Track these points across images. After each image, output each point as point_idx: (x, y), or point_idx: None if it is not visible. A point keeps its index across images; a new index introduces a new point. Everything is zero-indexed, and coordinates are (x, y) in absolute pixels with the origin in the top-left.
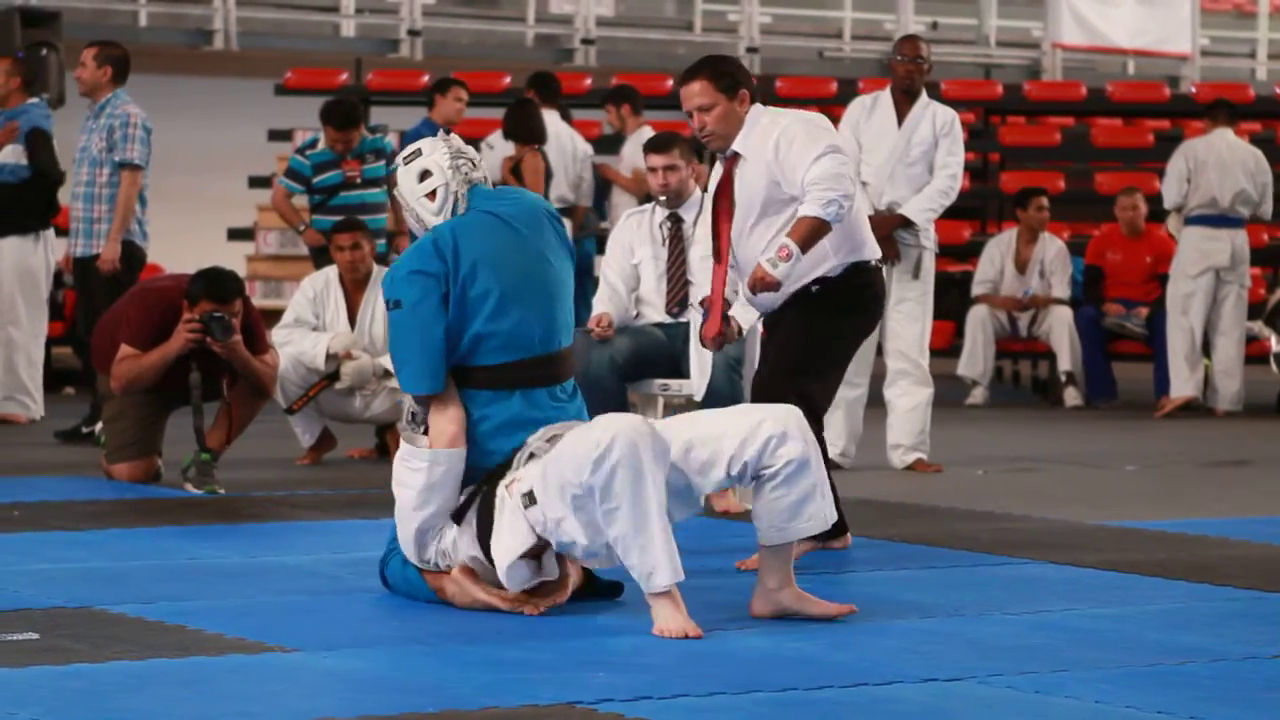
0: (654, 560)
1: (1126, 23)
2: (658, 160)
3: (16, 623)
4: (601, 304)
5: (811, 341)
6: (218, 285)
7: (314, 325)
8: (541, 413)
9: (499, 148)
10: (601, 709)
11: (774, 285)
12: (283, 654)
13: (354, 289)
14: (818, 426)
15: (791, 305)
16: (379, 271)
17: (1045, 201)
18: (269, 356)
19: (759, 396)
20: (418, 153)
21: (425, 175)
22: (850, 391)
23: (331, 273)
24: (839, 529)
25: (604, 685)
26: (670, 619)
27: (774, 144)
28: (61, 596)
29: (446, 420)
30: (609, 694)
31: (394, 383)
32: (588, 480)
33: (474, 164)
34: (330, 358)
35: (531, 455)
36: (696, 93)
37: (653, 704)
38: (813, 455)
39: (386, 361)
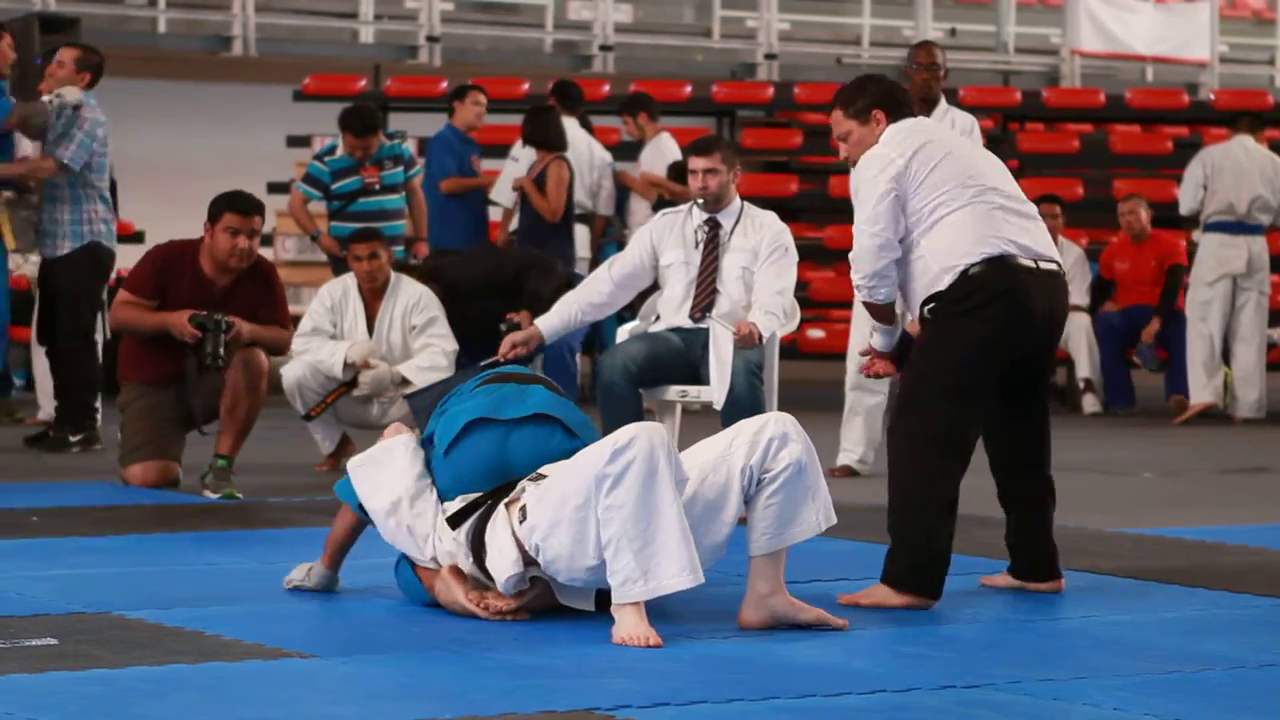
0: (661, 562)
1: (1145, 29)
2: (699, 163)
3: (35, 628)
4: (563, 301)
5: (924, 367)
6: (239, 199)
7: (332, 334)
8: (540, 394)
9: (523, 159)
10: (619, 715)
11: None
12: (301, 660)
13: (372, 298)
14: (950, 458)
15: (916, 339)
16: (396, 279)
17: (1057, 209)
18: (285, 333)
19: (889, 428)
20: None
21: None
22: (869, 398)
23: (350, 280)
24: (1052, 572)
25: (622, 691)
26: (635, 626)
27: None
28: (80, 602)
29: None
30: (627, 700)
31: (411, 389)
32: (603, 469)
33: None
34: (348, 366)
35: (539, 476)
36: (834, 122)
37: (671, 710)
38: (810, 461)
39: (404, 370)
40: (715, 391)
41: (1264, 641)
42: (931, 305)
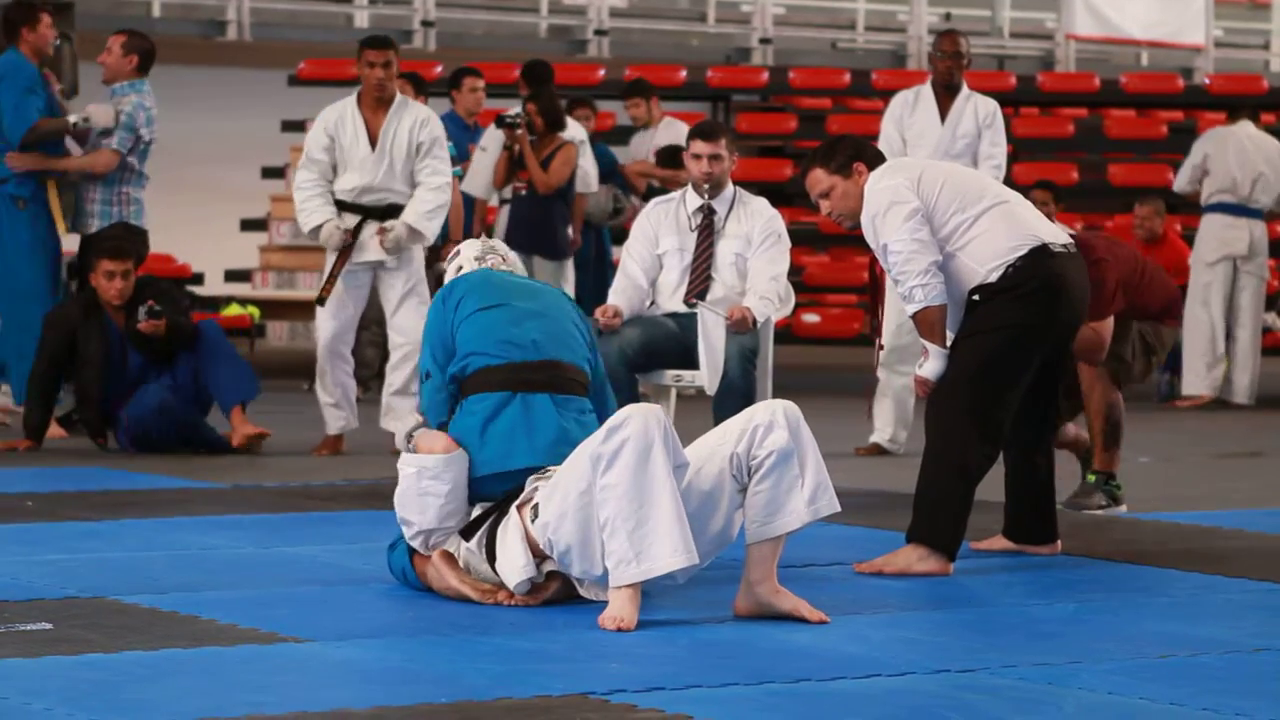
0: (654, 542)
1: (1140, 14)
2: (704, 148)
3: (30, 613)
4: (615, 295)
5: (971, 346)
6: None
7: (330, 162)
8: (547, 423)
9: (492, 149)
10: (614, 700)
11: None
12: (296, 645)
13: (375, 111)
14: (989, 445)
15: (963, 321)
16: (401, 98)
17: (1047, 196)
18: None
19: (930, 400)
20: (457, 252)
21: (459, 269)
22: (898, 379)
23: (348, 101)
24: (1049, 534)
25: (617, 676)
26: (613, 608)
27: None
28: (75, 587)
29: (433, 438)
30: (622, 685)
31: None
32: (598, 448)
33: (502, 258)
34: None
35: (547, 475)
36: (814, 181)
37: (665, 695)
38: (799, 448)
39: (410, 220)
40: (705, 377)
41: (1258, 626)
42: (979, 293)
